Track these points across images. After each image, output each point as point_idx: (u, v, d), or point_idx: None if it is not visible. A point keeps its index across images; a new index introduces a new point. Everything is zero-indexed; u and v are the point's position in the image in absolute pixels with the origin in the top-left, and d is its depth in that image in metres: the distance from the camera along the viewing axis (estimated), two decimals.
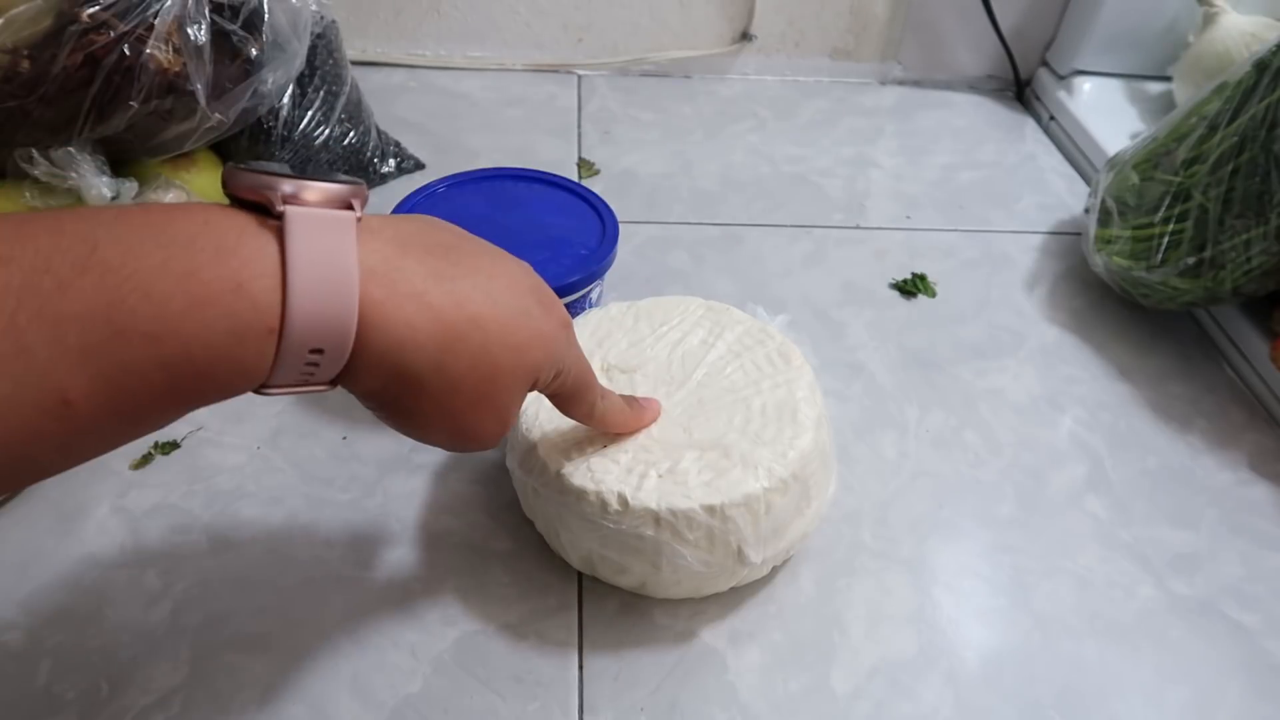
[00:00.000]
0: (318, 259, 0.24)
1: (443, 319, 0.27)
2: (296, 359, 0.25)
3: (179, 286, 0.23)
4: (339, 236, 0.25)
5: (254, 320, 0.24)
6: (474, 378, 0.28)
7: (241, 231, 0.24)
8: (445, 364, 0.28)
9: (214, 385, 0.24)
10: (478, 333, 0.28)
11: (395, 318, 0.26)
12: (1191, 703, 0.42)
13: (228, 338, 0.23)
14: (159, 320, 0.22)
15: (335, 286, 0.25)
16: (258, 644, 0.41)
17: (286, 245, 0.24)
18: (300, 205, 0.25)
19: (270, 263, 0.24)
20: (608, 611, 0.43)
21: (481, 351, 0.28)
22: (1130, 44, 0.82)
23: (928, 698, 0.41)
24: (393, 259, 0.27)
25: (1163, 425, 0.56)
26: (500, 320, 0.29)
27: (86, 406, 0.22)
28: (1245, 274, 0.54)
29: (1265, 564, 0.48)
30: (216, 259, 0.23)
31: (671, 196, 0.72)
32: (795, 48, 0.89)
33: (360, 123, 0.67)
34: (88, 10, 0.48)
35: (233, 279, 0.23)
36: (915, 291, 0.64)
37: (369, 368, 0.27)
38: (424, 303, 0.27)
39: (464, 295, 0.28)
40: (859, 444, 0.53)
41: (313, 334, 0.24)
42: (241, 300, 0.23)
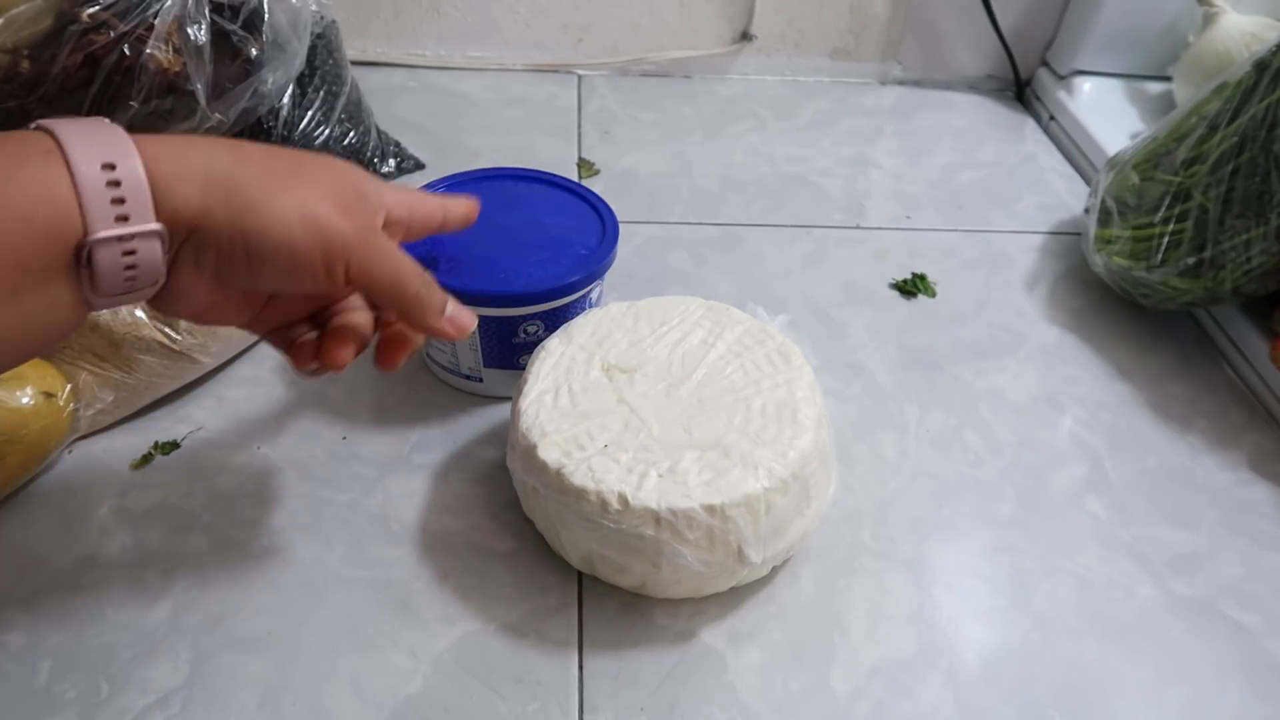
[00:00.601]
0: (82, 125, 0.28)
1: (215, 151, 0.30)
2: (94, 180, 0.27)
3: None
4: (103, 126, 0.28)
5: (23, 149, 0.26)
6: (277, 168, 0.31)
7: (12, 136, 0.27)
8: (242, 158, 0.30)
9: (15, 219, 0.26)
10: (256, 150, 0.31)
11: (173, 141, 0.29)
12: (1191, 703, 0.42)
13: (24, 200, 0.26)
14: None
15: (103, 129, 0.28)
16: (258, 644, 0.41)
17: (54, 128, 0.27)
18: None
19: (46, 142, 0.27)
20: (608, 611, 0.43)
21: (267, 158, 0.31)
22: (1130, 44, 0.82)
23: (928, 698, 0.41)
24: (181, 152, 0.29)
25: (1163, 425, 0.56)
26: (280, 169, 0.31)
27: None
28: (1245, 274, 0.54)
29: (1265, 564, 0.48)
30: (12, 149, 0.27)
31: (671, 196, 0.72)
32: (795, 48, 0.89)
33: (360, 123, 0.67)
34: (88, 10, 0.48)
35: (14, 149, 0.26)
36: (915, 291, 0.64)
37: (176, 178, 0.29)
38: (193, 144, 0.30)
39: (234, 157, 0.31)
40: (859, 444, 0.53)
41: (95, 149, 0.27)
42: (10, 142, 0.27)
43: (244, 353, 0.55)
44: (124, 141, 0.28)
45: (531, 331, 0.50)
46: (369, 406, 0.52)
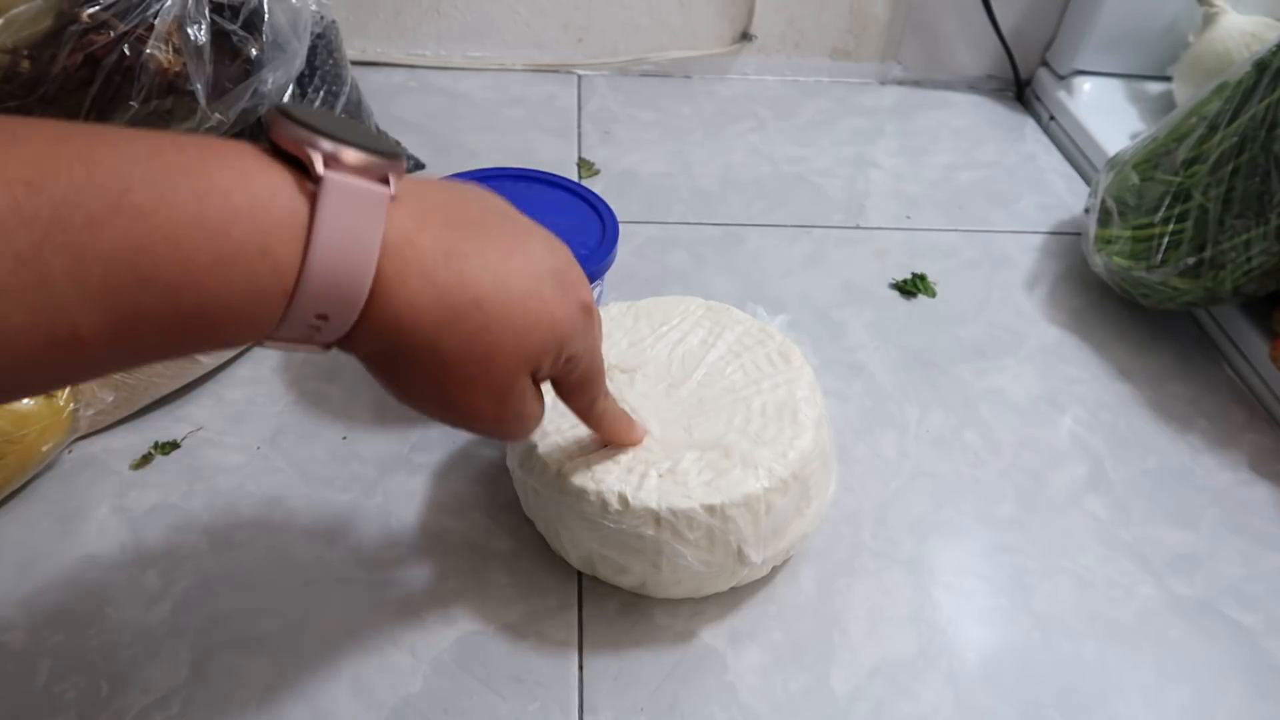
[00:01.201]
0: (343, 233, 0.24)
1: (444, 299, 0.27)
2: (302, 322, 0.25)
3: (208, 242, 0.22)
4: (368, 213, 0.25)
5: (272, 284, 0.24)
6: (468, 358, 0.28)
7: (275, 192, 0.24)
8: (440, 342, 0.28)
9: (219, 337, 0.24)
10: (478, 314, 0.28)
11: (399, 295, 0.26)
12: (1191, 703, 0.42)
13: (245, 297, 0.23)
14: (184, 273, 0.22)
15: (354, 262, 0.25)
16: (258, 644, 0.41)
17: (316, 213, 0.24)
18: (338, 170, 0.24)
19: (298, 228, 0.24)
20: (608, 611, 0.43)
21: (479, 332, 0.28)
22: (1130, 44, 0.82)
23: (928, 698, 0.41)
24: (410, 232, 0.26)
25: (1163, 425, 0.56)
26: (504, 302, 0.28)
27: (95, 343, 0.22)
28: (1245, 274, 0.54)
29: (1265, 564, 0.48)
30: (249, 218, 0.23)
31: (671, 196, 0.72)
32: (795, 48, 0.89)
33: (360, 123, 0.67)
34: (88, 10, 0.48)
35: (261, 241, 0.23)
36: (915, 291, 0.64)
37: (366, 337, 0.27)
38: (429, 280, 0.27)
39: (471, 275, 0.27)
40: (859, 444, 0.53)
41: (322, 302, 0.25)
42: (265, 263, 0.23)
43: (244, 353, 0.55)
44: (359, 294, 0.25)
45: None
46: (369, 406, 0.52)
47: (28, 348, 0.21)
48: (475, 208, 0.30)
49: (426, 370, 0.28)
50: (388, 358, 0.28)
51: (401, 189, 0.27)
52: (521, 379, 0.31)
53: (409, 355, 0.28)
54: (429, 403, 0.30)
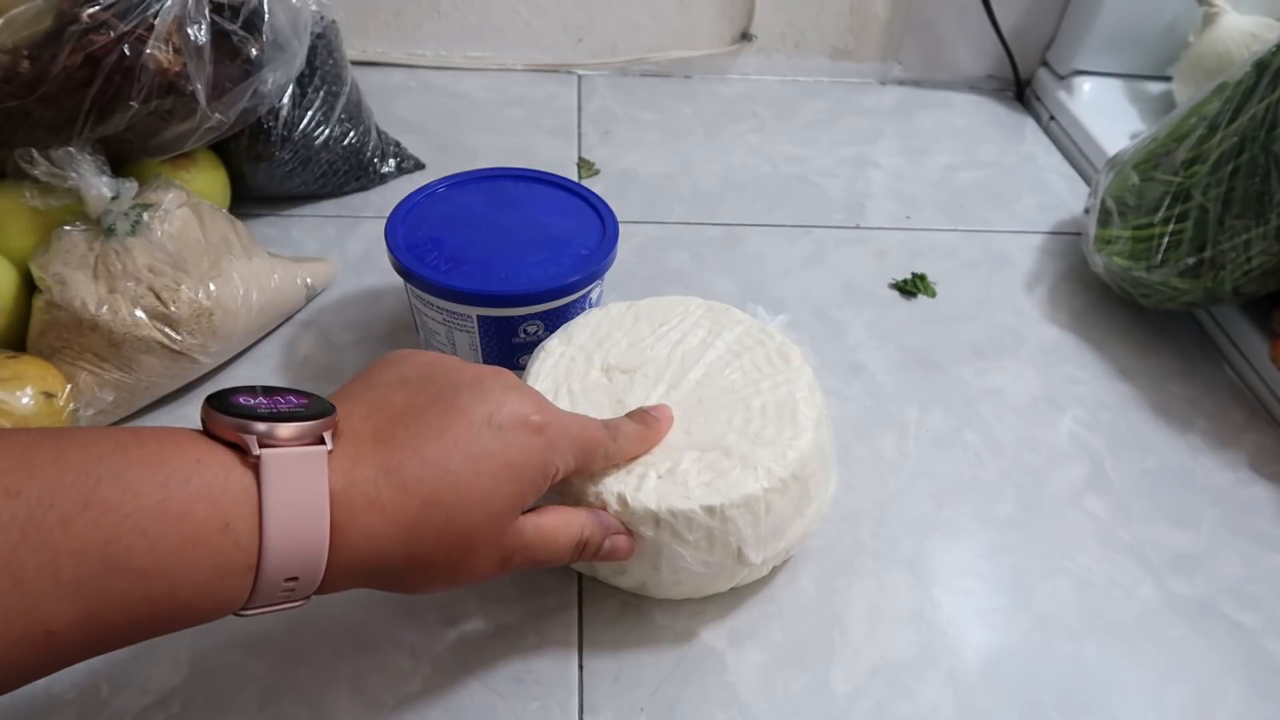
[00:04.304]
0: (290, 498, 0.26)
1: (399, 517, 0.28)
2: (273, 588, 0.26)
3: (174, 526, 0.24)
4: (310, 474, 0.26)
5: (237, 558, 0.25)
6: (445, 548, 0.29)
7: (228, 473, 0.25)
8: (414, 552, 0.29)
9: (191, 616, 0.25)
10: (435, 512, 0.29)
11: (356, 534, 0.27)
12: (1191, 703, 0.42)
13: (212, 574, 0.25)
14: (151, 557, 0.23)
15: (307, 521, 0.26)
16: (258, 644, 0.41)
17: (262, 488, 0.25)
18: (275, 445, 0.26)
19: (251, 504, 0.25)
20: (608, 611, 0.43)
21: (445, 525, 0.29)
22: (1130, 44, 0.82)
23: (928, 698, 0.41)
24: (348, 472, 0.28)
25: (1163, 425, 0.56)
26: (454, 487, 0.29)
27: (68, 637, 0.23)
28: (1245, 274, 0.54)
29: (1265, 564, 0.48)
30: (208, 499, 0.25)
31: (671, 196, 0.72)
32: (795, 48, 0.89)
33: (360, 123, 0.67)
34: (88, 10, 0.48)
35: (221, 519, 0.24)
36: (915, 291, 0.64)
37: (341, 578, 0.28)
38: (378, 508, 0.28)
39: (413, 479, 0.28)
40: (859, 444, 0.53)
41: (287, 566, 0.26)
42: (228, 539, 0.25)
43: (244, 353, 0.55)
44: (321, 552, 0.26)
45: (531, 331, 0.50)
46: None
47: (1, 648, 0.22)
48: (400, 394, 0.31)
49: (417, 575, 0.30)
50: (376, 582, 0.30)
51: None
52: (509, 529, 0.32)
53: (392, 573, 0.29)
54: (440, 589, 0.32)
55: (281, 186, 0.65)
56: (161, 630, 0.25)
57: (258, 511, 0.25)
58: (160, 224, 0.50)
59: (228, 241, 0.54)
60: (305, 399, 0.29)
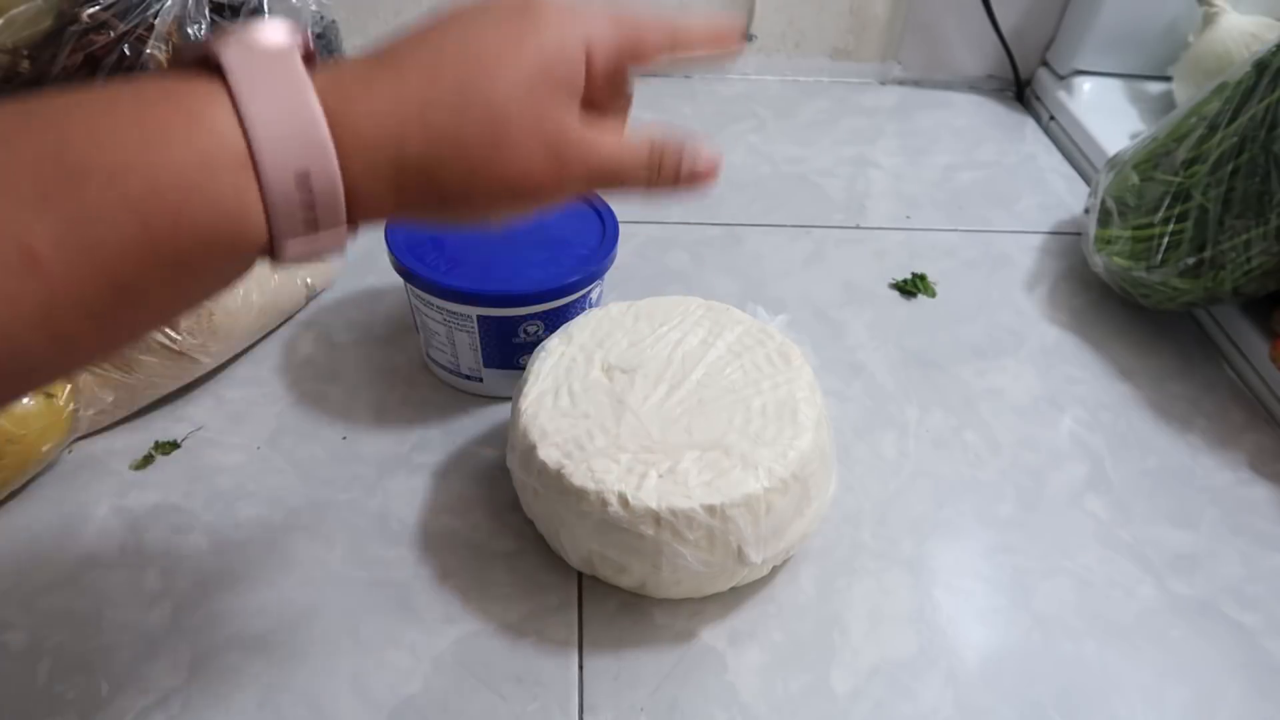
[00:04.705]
0: (265, 82, 0.23)
1: (401, 93, 0.25)
2: (286, 192, 0.23)
3: (129, 122, 0.22)
4: (280, 62, 0.24)
5: (217, 148, 0.22)
6: (473, 123, 0.25)
7: (187, 79, 0.23)
8: (432, 125, 0.25)
9: (200, 234, 0.22)
10: (440, 81, 0.25)
11: (358, 116, 0.24)
12: (1191, 703, 0.42)
13: (194, 169, 0.22)
14: (114, 151, 0.21)
15: (291, 103, 0.23)
16: (258, 644, 0.41)
17: (230, 78, 0.23)
18: (238, 48, 0.24)
19: (221, 99, 0.23)
20: (608, 611, 0.43)
21: (461, 92, 0.25)
22: (1130, 44, 0.82)
23: (928, 698, 0.41)
24: (334, 72, 0.25)
25: (1163, 425, 0.56)
26: (458, 57, 0.26)
27: (56, 258, 0.20)
28: (1245, 274, 0.54)
29: (1265, 564, 0.48)
30: (164, 97, 0.23)
31: None
32: (795, 48, 0.89)
33: None
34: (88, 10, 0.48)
35: (185, 110, 0.22)
36: (915, 291, 0.64)
37: (368, 180, 0.25)
38: (375, 90, 0.25)
39: (408, 60, 0.26)
40: (859, 444, 0.53)
41: (289, 155, 0.23)
42: (199, 128, 0.22)
43: (244, 353, 0.55)
44: (316, 122, 0.23)
45: (531, 331, 0.50)
46: (369, 406, 0.52)
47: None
48: (408, 29, 0.28)
49: (449, 163, 0.25)
50: (413, 188, 0.25)
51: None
52: (554, 107, 0.27)
53: (420, 165, 0.25)
54: (487, 199, 0.27)
55: None
56: (175, 259, 0.22)
57: (230, 103, 0.23)
58: None
59: None
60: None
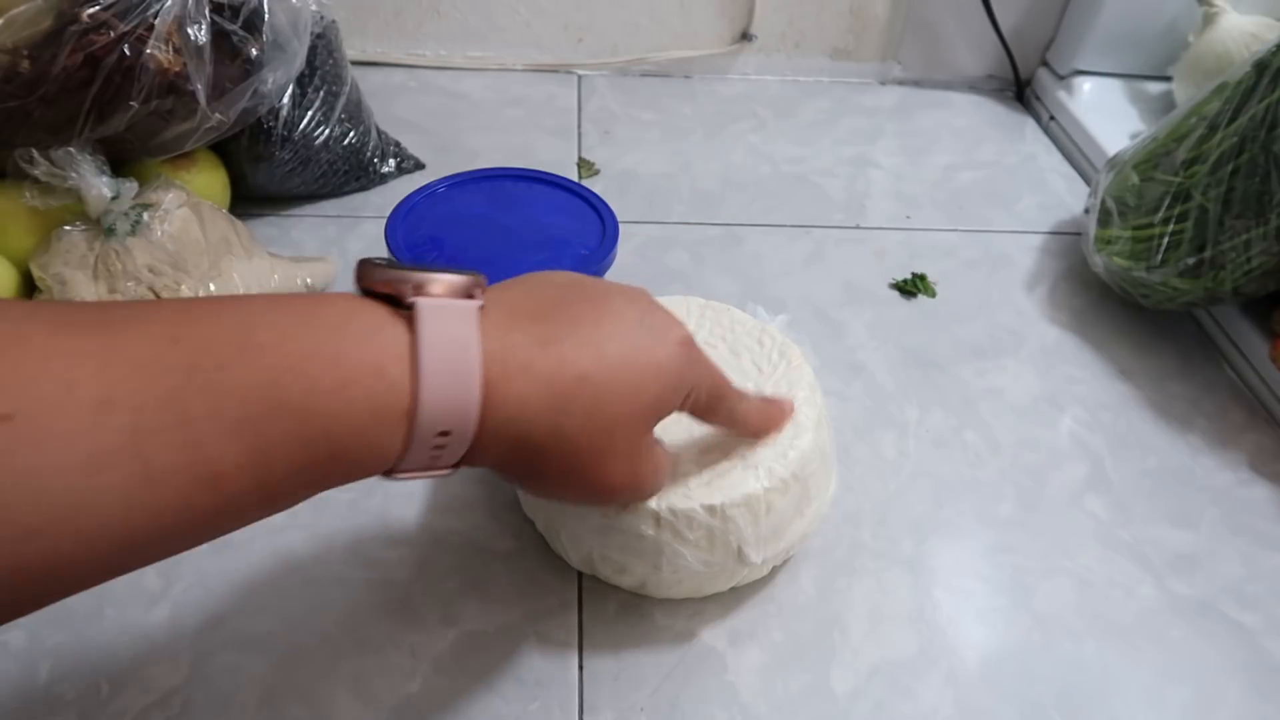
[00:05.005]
0: (444, 345, 0.26)
1: (553, 386, 0.28)
2: (426, 442, 0.26)
3: (328, 368, 0.24)
4: (463, 324, 0.27)
5: (391, 401, 0.25)
6: (590, 432, 0.29)
7: (381, 321, 0.26)
8: (561, 426, 0.29)
9: (345, 464, 0.26)
10: (587, 388, 0.29)
11: (509, 395, 0.27)
12: (1191, 703, 0.42)
13: (367, 417, 0.25)
14: (309, 395, 0.24)
15: (460, 371, 0.26)
16: (258, 644, 0.41)
17: (417, 333, 0.26)
18: (428, 297, 0.26)
19: (404, 350, 0.26)
20: (608, 611, 0.43)
21: (593, 407, 0.29)
22: (1130, 44, 0.82)
23: (928, 698, 0.41)
24: (503, 333, 0.28)
25: (1163, 425, 0.56)
26: (607, 369, 0.29)
27: (235, 479, 0.23)
28: (1245, 274, 0.54)
29: (1265, 564, 0.48)
30: (360, 344, 0.25)
31: (671, 196, 0.72)
32: (795, 48, 0.89)
33: (360, 123, 0.67)
34: (88, 10, 0.48)
35: (374, 362, 0.25)
36: (915, 291, 0.64)
37: (489, 444, 0.28)
38: (532, 373, 0.28)
39: (569, 355, 0.29)
40: (859, 444, 0.53)
41: (441, 417, 0.26)
42: (381, 382, 0.25)
43: None
44: (475, 398, 0.26)
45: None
46: None
47: (175, 488, 0.22)
48: (551, 289, 0.31)
49: (557, 459, 0.29)
50: (518, 459, 0.29)
51: (486, 298, 0.29)
52: (645, 437, 0.32)
53: (535, 449, 0.29)
54: (569, 490, 0.31)
55: (281, 186, 0.65)
56: (318, 480, 0.25)
57: (410, 357, 0.26)
58: (160, 224, 0.50)
59: (228, 241, 0.54)
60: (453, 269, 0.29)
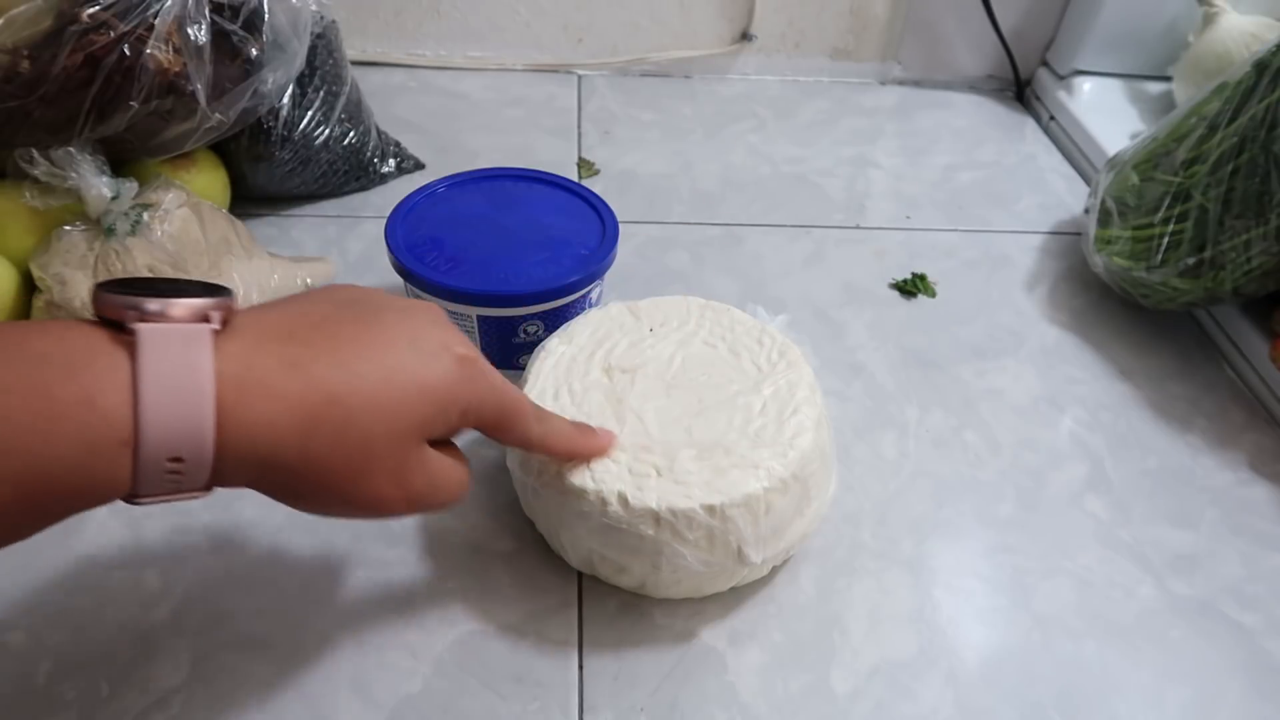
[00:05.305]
0: (168, 372, 0.25)
1: (299, 408, 0.27)
2: (156, 470, 0.25)
3: (26, 403, 0.23)
4: (191, 349, 0.25)
5: (105, 433, 0.24)
6: (343, 453, 0.28)
7: (94, 348, 0.24)
8: (309, 449, 0.28)
9: (71, 498, 0.25)
10: (337, 410, 0.28)
11: (250, 418, 0.26)
12: (1191, 703, 0.42)
13: (79, 451, 0.24)
14: (7, 433, 0.23)
15: (187, 397, 0.25)
16: (258, 644, 0.41)
17: (137, 360, 0.24)
18: (157, 321, 0.25)
19: (122, 377, 0.24)
20: (608, 611, 0.43)
21: (344, 428, 0.28)
22: (1130, 44, 0.82)
23: (928, 698, 0.41)
24: (246, 355, 0.27)
25: (1163, 425, 0.56)
26: (362, 391, 0.28)
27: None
28: (1245, 274, 0.54)
29: (1265, 564, 0.48)
30: (66, 375, 0.24)
31: (671, 196, 0.72)
32: (795, 48, 0.89)
33: (360, 123, 0.67)
34: (88, 10, 0.48)
35: (84, 394, 0.24)
36: (915, 291, 0.64)
37: (235, 468, 0.27)
38: (276, 395, 0.27)
39: (319, 376, 0.28)
40: (859, 444, 0.53)
41: (168, 444, 0.25)
42: (92, 414, 0.24)
43: None
44: (205, 424, 0.25)
45: (531, 331, 0.50)
46: None
47: None
48: (322, 308, 0.30)
49: (311, 479, 0.28)
50: (272, 480, 0.28)
51: (237, 320, 0.27)
52: (413, 453, 0.30)
53: (287, 472, 0.28)
54: (333, 508, 0.30)
55: (281, 186, 0.65)
56: (45, 513, 0.25)
57: (130, 385, 0.24)
58: (160, 224, 0.50)
59: (228, 241, 0.54)
60: (209, 288, 0.28)
